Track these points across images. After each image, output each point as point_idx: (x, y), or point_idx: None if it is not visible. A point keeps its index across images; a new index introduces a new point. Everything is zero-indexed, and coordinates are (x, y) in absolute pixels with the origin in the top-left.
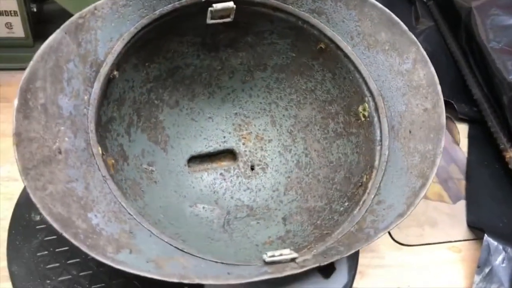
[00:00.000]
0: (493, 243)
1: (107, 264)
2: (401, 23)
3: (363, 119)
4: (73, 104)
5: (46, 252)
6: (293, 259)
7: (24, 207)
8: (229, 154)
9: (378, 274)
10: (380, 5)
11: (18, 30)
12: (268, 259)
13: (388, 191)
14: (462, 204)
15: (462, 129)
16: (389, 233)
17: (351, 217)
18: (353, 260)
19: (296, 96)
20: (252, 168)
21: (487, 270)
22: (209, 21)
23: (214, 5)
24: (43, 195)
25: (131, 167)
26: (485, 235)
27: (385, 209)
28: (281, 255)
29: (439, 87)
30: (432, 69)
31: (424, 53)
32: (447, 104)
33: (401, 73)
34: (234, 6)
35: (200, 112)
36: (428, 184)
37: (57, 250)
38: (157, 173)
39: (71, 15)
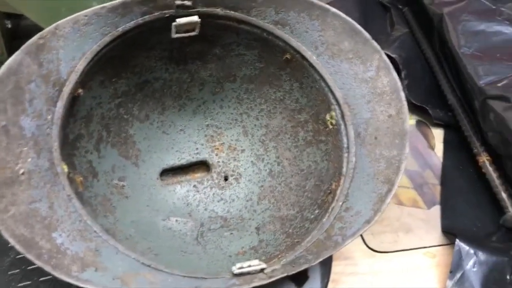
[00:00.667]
0: (465, 247)
1: None
2: (364, 31)
3: (330, 126)
4: (35, 125)
5: (18, 270)
6: (261, 270)
7: None
8: (203, 165)
9: (351, 281)
10: (342, 15)
11: None
12: (236, 271)
13: (356, 198)
14: (437, 209)
15: (438, 134)
16: (363, 240)
17: (320, 225)
18: (326, 268)
19: (266, 106)
20: (226, 179)
21: (458, 275)
22: (174, 35)
23: (177, 19)
24: (5, 217)
25: (101, 183)
26: (457, 240)
27: (352, 216)
28: (249, 266)
29: (402, 94)
30: (395, 75)
31: (387, 60)
32: (422, 109)
33: (365, 81)
34: (199, 20)
35: (172, 125)
36: (393, 190)
37: (29, 268)
38: (128, 187)
39: None
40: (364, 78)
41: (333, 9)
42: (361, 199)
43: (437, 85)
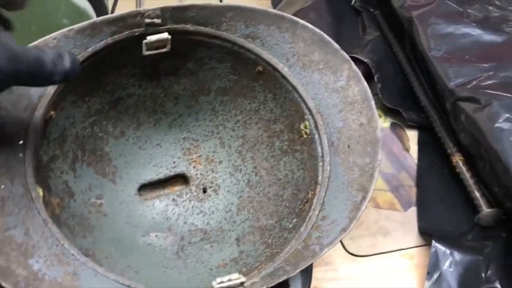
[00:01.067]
0: (441, 248)
1: None
2: (333, 42)
3: (305, 136)
4: (7, 151)
5: None
6: (241, 283)
7: None
8: (181, 179)
9: (333, 287)
10: (311, 26)
11: None
12: (216, 286)
13: (332, 206)
14: (413, 211)
15: (412, 135)
16: (343, 245)
17: (298, 234)
18: (307, 275)
19: (241, 117)
20: (205, 191)
21: (436, 275)
22: (145, 52)
23: (148, 37)
24: None
25: (78, 203)
26: (433, 240)
27: (329, 225)
28: (229, 280)
29: (372, 102)
30: (365, 84)
31: (357, 69)
32: (396, 112)
33: (336, 91)
34: (169, 37)
35: (148, 140)
36: (368, 197)
37: None
38: (106, 205)
39: None
40: (335, 88)
41: (302, 21)
42: (337, 207)
43: (409, 88)
